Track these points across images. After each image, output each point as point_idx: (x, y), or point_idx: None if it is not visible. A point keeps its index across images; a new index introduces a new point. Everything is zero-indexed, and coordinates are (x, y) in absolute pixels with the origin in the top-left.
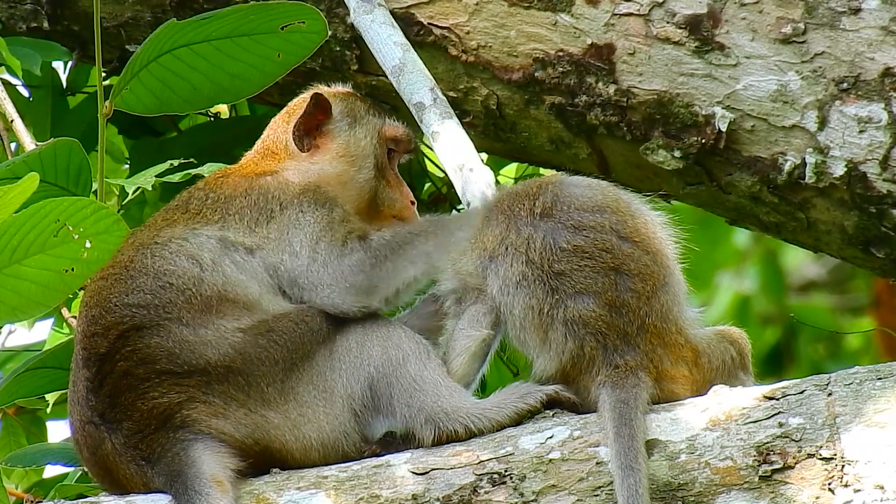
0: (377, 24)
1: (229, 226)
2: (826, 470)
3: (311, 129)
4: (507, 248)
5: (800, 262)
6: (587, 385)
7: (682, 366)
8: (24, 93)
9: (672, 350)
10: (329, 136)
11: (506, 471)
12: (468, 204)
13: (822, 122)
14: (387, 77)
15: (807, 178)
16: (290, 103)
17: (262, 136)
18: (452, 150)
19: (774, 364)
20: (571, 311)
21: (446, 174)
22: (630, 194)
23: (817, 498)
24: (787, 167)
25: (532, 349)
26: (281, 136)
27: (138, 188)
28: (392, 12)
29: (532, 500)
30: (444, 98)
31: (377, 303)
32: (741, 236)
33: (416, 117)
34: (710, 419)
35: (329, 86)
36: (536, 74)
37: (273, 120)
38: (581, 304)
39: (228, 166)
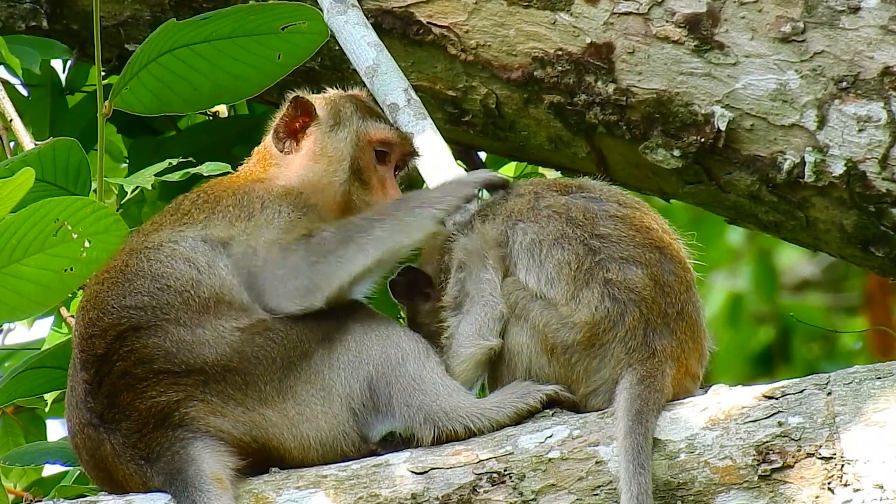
0: (350, 25)
1: (212, 223)
2: (825, 469)
3: (293, 132)
4: (540, 211)
5: (794, 261)
6: (616, 355)
7: (700, 368)
8: (23, 92)
9: (697, 349)
10: (310, 139)
11: (505, 470)
12: None
13: (822, 121)
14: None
15: (806, 176)
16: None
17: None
18: (427, 151)
19: (767, 363)
20: (615, 275)
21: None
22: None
23: (817, 497)
24: (786, 166)
25: (555, 301)
26: (269, 140)
27: (137, 187)
28: (391, 11)
29: (531, 500)
30: (419, 99)
31: (319, 302)
32: (735, 235)
33: (390, 118)
34: (709, 418)
35: (345, 89)
36: (535, 73)
37: None
38: (628, 271)
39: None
